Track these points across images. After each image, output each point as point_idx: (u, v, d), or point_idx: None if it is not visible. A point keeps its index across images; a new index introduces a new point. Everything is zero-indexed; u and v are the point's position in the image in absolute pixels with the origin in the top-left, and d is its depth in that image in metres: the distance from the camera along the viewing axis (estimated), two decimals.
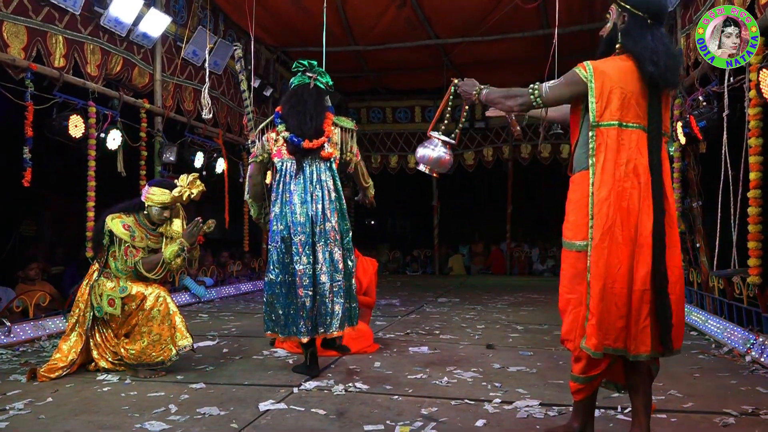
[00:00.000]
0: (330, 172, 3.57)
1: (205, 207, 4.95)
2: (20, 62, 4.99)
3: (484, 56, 9.42)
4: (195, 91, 7.60)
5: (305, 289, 3.45)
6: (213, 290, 7.65)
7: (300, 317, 3.45)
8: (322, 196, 3.51)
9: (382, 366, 3.84)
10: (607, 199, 2.33)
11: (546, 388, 3.28)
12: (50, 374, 3.46)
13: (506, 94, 2.61)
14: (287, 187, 3.52)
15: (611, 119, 2.38)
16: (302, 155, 3.52)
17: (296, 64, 3.68)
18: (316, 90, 3.61)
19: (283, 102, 3.65)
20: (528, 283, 10.15)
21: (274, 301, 3.51)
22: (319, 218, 3.48)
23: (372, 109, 12.68)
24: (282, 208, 3.50)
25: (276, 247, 3.51)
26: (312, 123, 3.52)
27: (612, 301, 2.31)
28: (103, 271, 3.66)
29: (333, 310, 3.48)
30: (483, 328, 5.38)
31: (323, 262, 3.47)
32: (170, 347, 3.54)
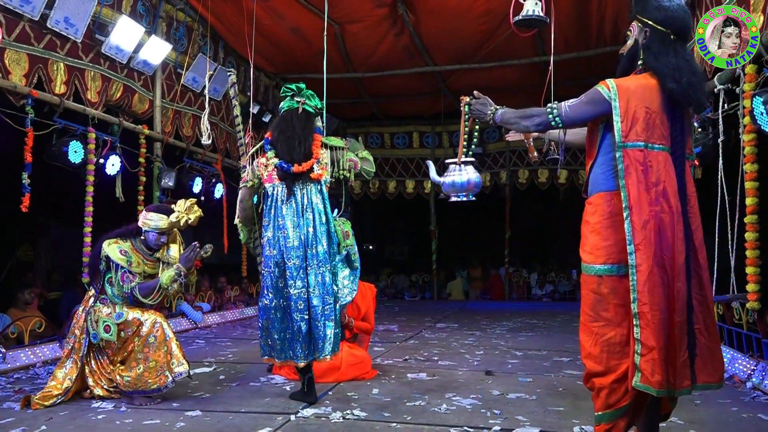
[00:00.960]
0: (320, 195, 3.58)
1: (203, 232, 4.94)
2: (21, 89, 5.04)
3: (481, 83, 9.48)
4: (194, 117, 7.65)
5: (300, 313, 3.43)
6: (210, 316, 7.60)
7: (296, 341, 3.44)
8: (313, 219, 3.51)
9: (381, 393, 3.79)
10: (648, 224, 2.22)
11: (546, 415, 3.24)
12: (45, 402, 3.42)
13: (522, 115, 2.52)
14: (279, 211, 3.51)
15: (637, 140, 2.27)
16: (292, 180, 3.54)
17: (284, 88, 3.70)
18: (305, 114, 3.63)
19: (273, 128, 3.67)
20: (527, 308, 10.10)
21: (269, 326, 3.49)
22: (311, 241, 3.48)
23: (370, 134, 12.76)
24: (275, 233, 3.50)
25: (270, 272, 3.50)
26: (301, 148, 3.54)
27: None
28: (99, 296, 3.64)
29: (325, 334, 3.45)
30: (482, 353, 5.34)
31: (315, 285, 3.46)
32: (166, 374, 3.50)
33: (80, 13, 5.51)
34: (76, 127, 5.67)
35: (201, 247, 3.71)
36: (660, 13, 2.36)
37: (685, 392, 2.21)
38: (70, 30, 5.49)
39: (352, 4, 7.31)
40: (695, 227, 2.33)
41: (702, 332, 2.25)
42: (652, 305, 2.18)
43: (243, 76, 8.75)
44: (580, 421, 3.07)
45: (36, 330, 5.10)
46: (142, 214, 3.75)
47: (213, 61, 7.75)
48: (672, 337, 2.19)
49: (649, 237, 2.22)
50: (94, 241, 5.40)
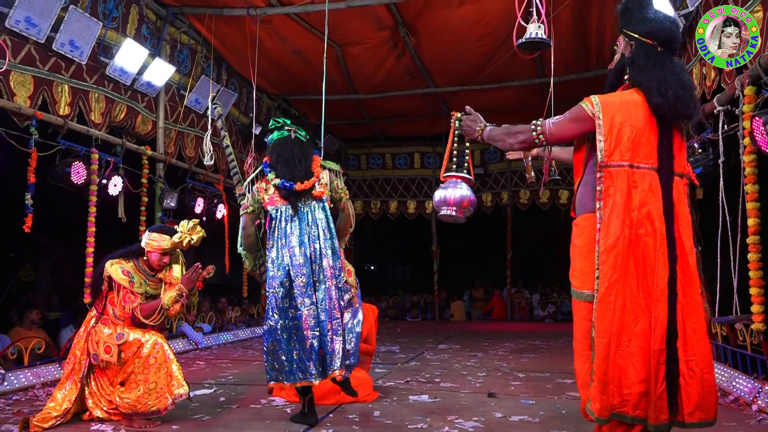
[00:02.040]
0: (323, 212, 3.60)
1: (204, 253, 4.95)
2: (26, 110, 5.08)
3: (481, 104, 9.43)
4: (197, 138, 7.70)
5: (312, 330, 3.40)
6: (211, 337, 7.57)
7: (310, 360, 3.39)
8: (319, 235, 3.52)
9: (382, 415, 3.76)
10: (614, 248, 2.13)
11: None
12: (43, 424, 3.39)
13: (507, 132, 2.46)
14: (283, 231, 3.52)
15: (621, 159, 2.18)
16: (296, 198, 3.55)
17: (272, 121, 3.77)
18: (298, 139, 3.69)
19: (270, 152, 3.69)
20: (529, 330, 10.04)
21: (276, 348, 3.43)
22: (317, 257, 3.49)
23: (372, 155, 12.83)
24: (279, 253, 3.50)
25: (274, 293, 3.48)
26: (301, 166, 3.58)
27: (628, 361, 2.10)
28: (100, 317, 3.64)
29: (334, 349, 3.43)
30: (484, 375, 5.30)
31: (323, 300, 3.46)
32: (166, 395, 3.48)
33: (85, 36, 5.58)
34: (79, 148, 5.71)
35: (203, 268, 3.71)
36: (645, 25, 2.28)
37: (662, 427, 2.10)
38: (75, 52, 5.56)
39: (353, 27, 7.40)
40: (689, 249, 2.22)
41: (697, 364, 2.13)
42: (599, 332, 2.12)
43: (246, 97, 8.82)
44: None
45: (36, 351, 5.08)
46: (144, 235, 3.76)
47: (216, 83, 7.83)
48: (643, 366, 2.09)
49: (612, 261, 2.13)
50: (96, 262, 5.41)
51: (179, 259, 3.86)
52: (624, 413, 2.10)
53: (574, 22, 7.16)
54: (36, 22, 5.06)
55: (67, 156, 5.57)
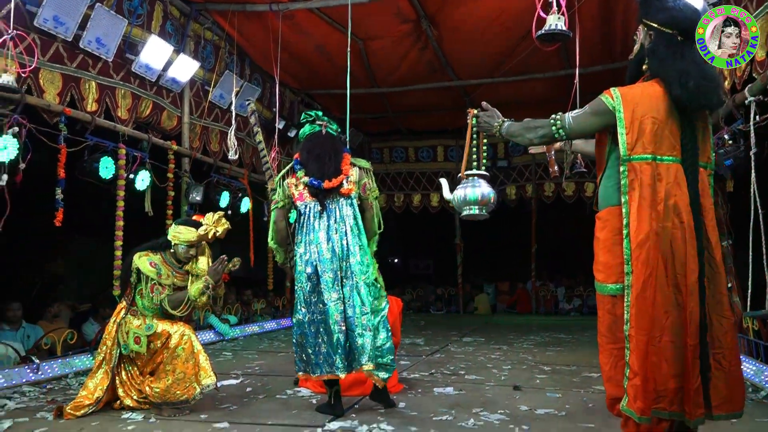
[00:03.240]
0: (351, 209, 3.62)
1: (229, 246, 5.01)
2: (55, 107, 5.19)
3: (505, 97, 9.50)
4: (221, 133, 7.78)
5: (337, 325, 3.44)
6: (237, 328, 7.66)
7: (336, 354, 3.43)
8: (346, 232, 3.55)
9: (407, 407, 3.78)
10: (646, 242, 2.10)
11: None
12: (76, 412, 3.48)
13: (526, 127, 2.43)
14: (311, 227, 3.56)
15: (644, 152, 2.15)
16: (324, 195, 3.59)
17: (304, 115, 3.81)
18: (329, 135, 3.73)
19: (301, 149, 3.74)
20: (554, 323, 9.98)
21: (303, 342, 3.50)
22: (344, 253, 3.52)
23: (395, 149, 12.83)
24: (306, 248, 3.54)
25: (302, 287, 3.52)
26: (331, 164, 3.61)
27: (661, 356, 2.06)
28: (130, 308, 3.71)
29: (361, 344, 3.45)
30: (509, 368, 5.28)
31: (350, 296, 3.48)
32: (194, 385, 3.54)
33: (111, 34, 5.67)
34: (107, 143, 5.81)
35: (229, 261, 3.76)
36: (664, 14, 2.22)
37: (699, 422, 2.09)
38: (101, 50, 5.65)
39: (375, 21, 7.39)
40: (714, 242, 2.19)
41: (724, 357, 2.12)
42: (638, 328, 2.08)
43: (269, 92, 8.87)
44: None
45: (68, 341, 5.20)
46: (171, 228, 3.82)
47: (239, 78, 7.89)
48: (675, 361, 2.07)
49: (645, 256, 2.10)
50: (124, 255, 5.51)
51: (205, 252, 3.92)
52: (661, 409, 2.07)
53: (600, 11, 7.05)
54: (63, 20, 5.16)
55: (95, 152, 5.67)
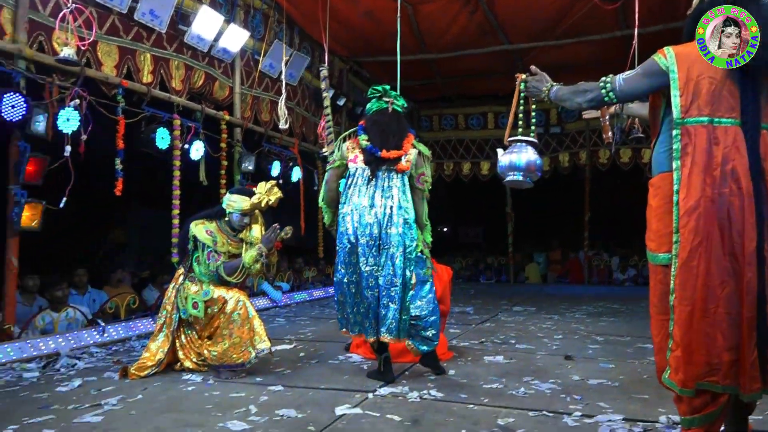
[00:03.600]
0: (402, 184, 3.61)
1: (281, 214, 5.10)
2: (113, 79, 5.33)
3: (559, 60, 9.21)
4: (272, 103, 7.85)
5: (371, 290, 3.52)
6: (289, 295, 7.84)
7: (366, 317, 3.54)
8: (392, 204, 3.56)
9: (457, 374, 3.81)
10: (695, 210, 2.03)
11: (630, 403, 3.15)
12: (140, 372, 3.66)
13: (575, 90, 2.36)
14: (358, 190, 3.59)
15: (699, 115, 2.06)
16: (377, 165, 3.59)
17: (371, 90, 3.81)
18: (396, 113, 3.73)
19: (366, 120, 3.77)
20: (608, 293, 9.80)
21: (343, 300, 3.61)
22: (386, 222, 3.53)
23: (444, 116, 12.65)
24: (350, 211, 3.58)
25: (342, 248, 3.58)
26: (393, 140, 3.62)
27: (716, 328, 2.00)
28: (188, 275, 3.85)
29: (385, 314, 3.50)
30: (561, 338, 5.24)
31: (383, 266, 3.52)
32: (249, 350, 3.66)
33: (164, 5, 5.75)
34: (162, 114, 5.94)
35: (281, 229, 3.83)
36: None
37: (755, 396, 2.02)
38: (155, 21, 5.75)
39: None
40: None
41: None
42: (681, 299, 2.03)
43: (317, 60, 8.86)
44: (666, 410, 2.95)
45: (131, 306, 5.45)
46: (225, 197, 3.92)
47: (289, 47, 7.91)
48: (731, 333, 2.01)
49: (694, 225, 2.02)
50: (181, 223, 5.68)
51: (258, 220, 4.00)
52: (713, 383, 2.02)
53: None
54: None
55: (151, 123, 5.82)
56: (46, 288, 5.15)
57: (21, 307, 4.93)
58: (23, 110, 4.29)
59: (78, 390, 3.39)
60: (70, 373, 3.83)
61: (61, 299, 4.99)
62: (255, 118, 7.61)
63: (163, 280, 6.49)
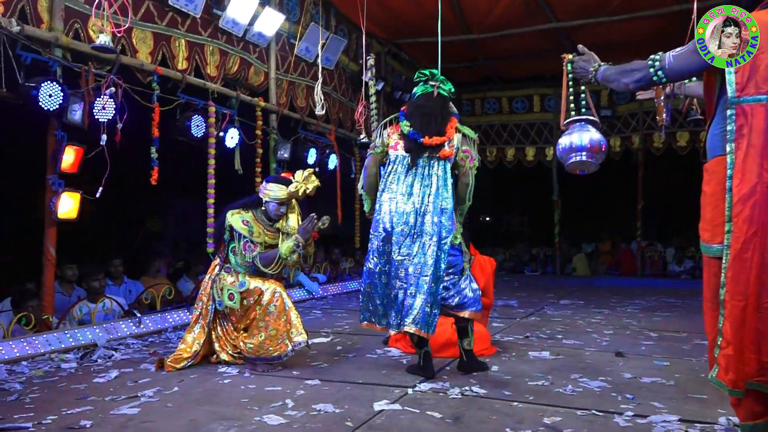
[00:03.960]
0: (443, 172, 3.60)
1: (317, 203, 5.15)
2: (148, 66, 5.44)
3: (610, 38, 8.97)
4: (308, 88, 7.89)
5: (400, 281, 3.52)
6: (326, 287, 7.92)
7: (392, 308, 3.54)
8: (430, 192, 3.55)
9: (500, 370, 3.78)
10: (750, 197, 1.96)
11: (686, 403, 3.08)
12: (176, 364, 3.75)
13: (622, 70, 2.30)
14: (396, 177, 3.61)
15: (758, 92, 1.99)
16: (418, 152, 3.59)
17: (418, 74, 3.82)
18: (441, 97, 3.72)
19: (409, 105, 3.78)
20: (662, 287, 9.58)
21: (371, 291, 3.61)
22: (423, 211, 3.53)
23: (487, 99, 12.50)
24: (387, 198, 3.60)
25: (376, 236, 3.60)
26: (436, 125, 3.61)
27: None
28: (224, 265, 3.92)
29: (411, 304, 3.47)
30: (611, 333, 5.15)
31: (415, 255, 3.51)
32: (286, 342, 3.71)
33: None
34: (197, 101, 6.04)
35: (318, 219, 3.86)
36: None
37: None
38: (189, 6, 5.83)
39: None
40: None
41: None
42: (733, 294, 1.96)
43: (355, 44, 8.86)
44: (726, 411, 2.86)
45: (166, 297, 5.59)
46: (262, 185, 3.97)
47: (325, 30, 7.92)
48: None
49: (748, 213, 1.95)
50: (216, 213, 5.78)
51: (295, 210, 4.04)
52: (763, 383, 1.97)
53: None
54: None
55: (186, 110, 5.92)
56: (83, 278, 5.32)
57: (60, 297, 5.12)
58: (60, 99, 4.42)
59: (115, 381, 3.50)
60: (107, 364, 3.96)
61: (98, 290, 5.15)
62: (290, 104, 7.67)
63: (198, 271, 6.63)
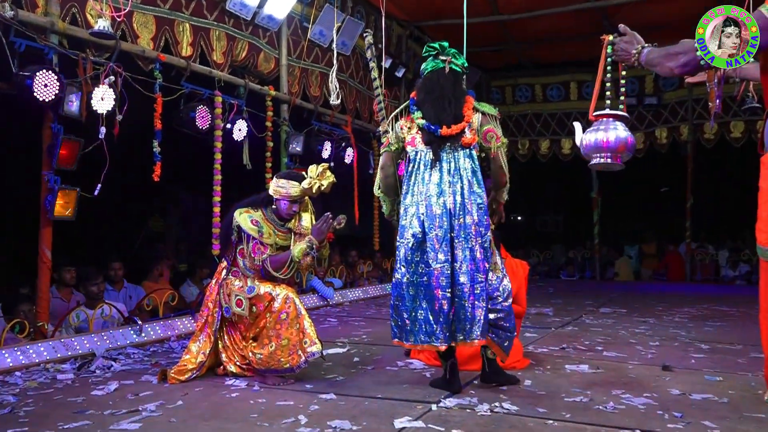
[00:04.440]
0: (470, 161, 3.57)
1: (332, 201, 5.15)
2: (149, 53, 5.49)
3: (655, 18, 8.87)
4: (322, 75, 7.91)
5: (442, 291, 3.45)
6: (342, 293, 7.94)
7: (437, 322, 3.47)
8: (462, 187, 3.52)
9: (534, 385, 3.76)
10: None
11: (741, 422, 3.03)
12: (180, 376, 3.79)
13: (667, 53, 2.30)
14: (421, 178, 3.56)
15: None
16: (439, 144, 3.56)
17: (426, 48, 3.74)
18: (453, 74, 3.65)
19: (418, 88, 3.72)
20: (714, 293, 9.47)
21: (399, 305, 3.56)
22: (458, 211, 3.49)
23: (518, 87, 12.45)
24: (414, 200, 3.56)
25: (404, 244, 3.56)
26: (450, 109, 3.56)
27: None
28: (231, 269, 3.94)
29: (474, 315, 3.45)
30: (657, 345, 5.10)
31: (463, 261, 3.46)
32: (299, 353, 3.72)
33: None
34: (202, 91, 6.08)
35: (334, 218, 3.86)
36: None
37: None
38: None
39: None
40: None
41: None
42: None
43: (373, 26, 8.86)
44: None
45: (169, 303, 5.64)
46: (272, 182, 3.98)
47: (341, 12, 7.93)
48: None
49: None
50: (223, 211, 5.82)
51: (308, 208, 4.05)
52: None
53: None
54: None
55: (190, 100, 5.96)
56: (80, 282, 5.39)
57: (58, 302, 5.20)
58: (56, 89, 4.48)
59: (114, 394, 3.53)
60: (106, 375, 4.01)
61: (97, 295, 5.22)
62: (303, 93, 7.70)
63: (202, 275, 6.68)
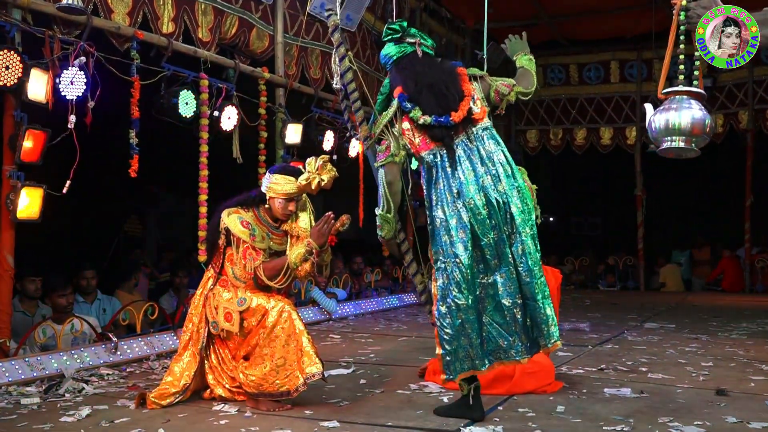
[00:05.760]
0: (494, 140, 3.57)
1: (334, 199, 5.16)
2: (125, 29, 5.51)
3: None
4: (323, 55, 7.93)
5: (512, 298, 3.45)
6: (346, 305, 7.96)
7: (514, 334, 3.46)
8: (498, 174, 3.49)
9: (567, 411, 3.76)
10: None
11: None
12: (161, 401, 3.80)
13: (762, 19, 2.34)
14: (452, 180, 3.50)
15: None
16: (452, 136, 3.54)
17: (386, 30, 3.74)
18: (427, 55, 3.70)
19: (403, 80, 3.64)
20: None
21: (469, 331, 3.45)
22: (503, 203, 3.47)
23: (550, 67, 12.44)
24: (451, 209, 3.48)
25: (456, 265, 3.44)
26: (451, 90, 3.57)
27: None
28: (219, 278, 3.96)
29: (546, 314, 3.46)
30: (710, 366, 5.10)
31: (522, 257, 3.45)
32: (297, 374, 3.73)
33: None
34: (186, 73, 6.09)
35: (336, 219, 3.87)
36: None
37: None
38: None
39: None
40: None
41: None
42: None
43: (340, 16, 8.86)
44: None
45: (148, 317, 5.66)
46: (265, 178, 3.99)
47: None
48: None
49: None
50: (210, 212, 5.84)
51: (306, 207, 4.07)
52: None
53: None
54: None
55: (172, 84, 5.97)
56: (47, 293, 5.42)
57: (21, 317, 5.24)
58: (19, 72, 4.52)
59: (86, 421, 3.55)
60: (77, 399, 4.03)
61: (65, 308, 5.25)
62: (302, 76, 7.72)
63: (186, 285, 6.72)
